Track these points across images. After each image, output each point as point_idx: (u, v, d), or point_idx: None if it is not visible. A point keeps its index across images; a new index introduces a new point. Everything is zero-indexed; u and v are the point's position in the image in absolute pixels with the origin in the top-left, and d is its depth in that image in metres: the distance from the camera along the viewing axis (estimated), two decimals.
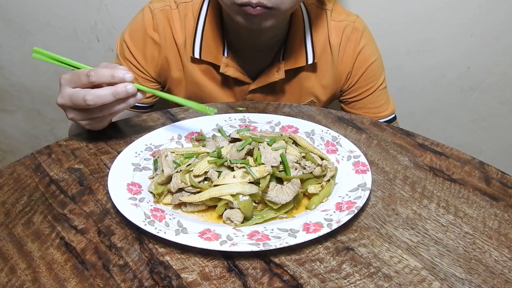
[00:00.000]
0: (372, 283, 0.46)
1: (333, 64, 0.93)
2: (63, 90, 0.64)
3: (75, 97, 0.63)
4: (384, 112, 0.98)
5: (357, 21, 0.92)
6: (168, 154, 0.62)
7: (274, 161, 0.57)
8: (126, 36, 0.90)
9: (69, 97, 0.63)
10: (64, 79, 0.65)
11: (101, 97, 0.61)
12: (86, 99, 0.61)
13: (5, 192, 0.58)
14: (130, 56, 0.90)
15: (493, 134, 1.34)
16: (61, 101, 0.65)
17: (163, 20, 0.88)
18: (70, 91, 0.63)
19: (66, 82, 0.64)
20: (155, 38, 0.89)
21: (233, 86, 0.92)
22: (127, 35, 0.90)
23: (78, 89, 0.63)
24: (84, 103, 0.62)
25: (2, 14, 1.34)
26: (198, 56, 0.88)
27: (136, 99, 0.64)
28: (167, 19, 0.88)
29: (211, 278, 0.46)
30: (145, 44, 0.89)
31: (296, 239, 0.49)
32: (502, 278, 0.48)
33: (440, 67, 1.23)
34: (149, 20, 0.89)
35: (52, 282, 0.45)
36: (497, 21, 1.14)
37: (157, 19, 0.88)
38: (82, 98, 0.62)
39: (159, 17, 0.88)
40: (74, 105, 0.64)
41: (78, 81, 0.63)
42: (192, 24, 0.88)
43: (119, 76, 0.62)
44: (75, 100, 0.63)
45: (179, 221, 0.52)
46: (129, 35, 0.90)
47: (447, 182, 0.62)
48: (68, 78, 0.64)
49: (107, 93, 0.61)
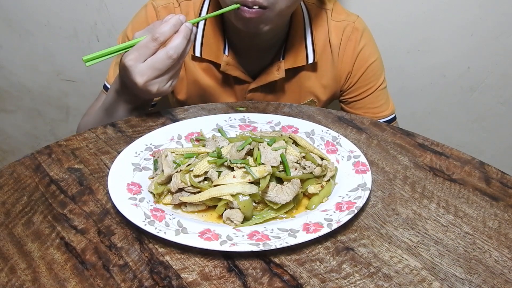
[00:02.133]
0: (372, 283, 0.46)
1: (333, 64, 0.93)
2: (137, 68, 0.65)
3: (157, 62, 0.65)
4: (384, 112, 0.98)
5: (357, 21, 0.92)
6: (168, 154, 0.62)
7: (274, 161, 0.57)
8: (128, 32, 0.90)
9: (151, 67, 0.65)
10: (131, 60, 0.66)
11: (179, 45, 0.65)
12: (169, 55, 0.64)
13: (5, 192, 0.58)
14: None
15: (493, 134, 1.34)
16: (143, 78, 0.66)
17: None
18: (148, 62, 0.65)
19: (136, 60, 0.65)
20: None
21: (233, 84, 0.92)
22: (129, 31, 0.90)
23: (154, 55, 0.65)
24: (169, 60, 0.64)
25: (2, 14, 1.34)
26: (199, 54, 0.88)
27: (194, 34, 0.68)
28: None
29: (211, 278, 0.46)
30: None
31: (296, 239, 0.49)
32: (502, 278, 0.48)
33: (440, 67, 1.23)
34: (153, 17, 0.89)
35: (52, 282, 0.45)
36: (497, 21, 1.14)
37: (161, 16, 0.88)
38: (166, 57, 0.64)
39: (163, 14, 0.88)
40: (159, 70, 0.65)
41: (148, 50, 0.65)
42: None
43: (178, 22, 0.65)
44: (159, 65, 0.65)
45: (179, 221, 0.52)
46: (132, 31, 0.90)
47: (447, 182, 0.62)
48: (135, 56, 0.65)
49: (181, 39, 0.65)
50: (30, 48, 1.39)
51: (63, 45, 1.36)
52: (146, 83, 0.67)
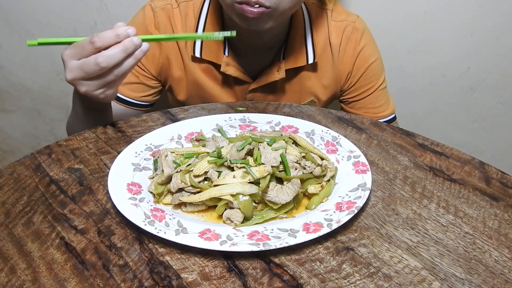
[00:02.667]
0: (372, 283, 0.46)
1: (333, 64, 0.93)
2: (69, 64, 0.63)
3: (85, 65, 0.62)
4: (384, 112, 0.98)
5: (358, 21, 0.92)
6: (168, 154, 0.62)
7: (274, 161, 0.57)
8: None
9: (79, 67, 0.63)
10: (67, 55, 0.64)
11: (112, 56, 0.61)
12: (98, 62, 0.61)
13: (5, 192, 0.58)
14: None
15: (493, 134, 1.34)
16: (71, 75, 0.64)
17: (164, 18, 0.88)
18: (79, 62, 0.63)
19: (70, 56, 0.63)
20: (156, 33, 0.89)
21: (233, 85, 0.92)
22: None
23: (87, 58, 0.62)
24: (96, 67, 0.61)
25: (2, 14, 1.34)
26: (199, 55, 0.88)
27: (142, 51, 0.63)
28: (168, 18, 0.89)
29: (211, 278, 0.46)
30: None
31: (296, 239, 0.49)
32: (502, 278, 0.48)
33: (440, 67, 1.23)
34: (151, 18, 0.89)
35: (52, 282, 0.45)
36: (497, 21, 1.14)
37: (159, 17, 0.88)
38: (94, 63, 0.61)
39: (161, 15, 0.88)
40: (86, 73, 0.63)
41: (83, 51, 0.62)
42: (193, 23, 0.88)
43: (123, 33, 0.61)
44: (86, 68, 0.62)
45: (179, 221, 0.52)
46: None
47: (447, 182, 0.62)
48: (71, 52, 0.63)
49: (117, 51, 0.61)
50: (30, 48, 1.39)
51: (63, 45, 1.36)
52: (73, 81, 0.64)
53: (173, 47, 0.90)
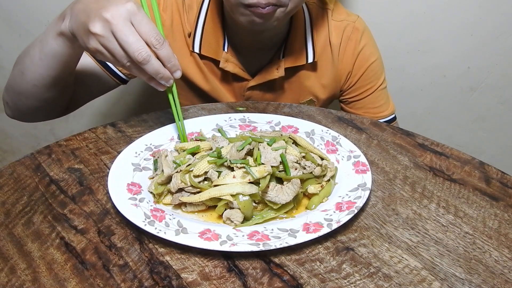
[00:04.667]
0: (372, 283, 0.46)
1: (333, 64, 0.93)
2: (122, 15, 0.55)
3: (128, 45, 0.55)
4: (384, 112, 0.98)
5: (358, 21, 0.92)
6: (168, 154, 0.62)
7: (274, 161, 0.57)
8: None
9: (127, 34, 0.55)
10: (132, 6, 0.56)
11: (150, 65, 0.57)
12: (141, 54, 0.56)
13: (5, 192, 0.58)
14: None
15: (493, 134, 1.34)
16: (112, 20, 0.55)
17: (173, 4, 0.87)
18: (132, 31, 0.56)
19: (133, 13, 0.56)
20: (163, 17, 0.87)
21: (232, 81, 0.92)
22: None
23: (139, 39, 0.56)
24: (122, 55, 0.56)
25: (2, 14, 1.34)
26: (198, 50, 0.88)
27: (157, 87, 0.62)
28: (177, 6, 0.87)
29: (211, 278, 0.46)
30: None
31: (296, 239, 0.49)
32: (502, 278, 0.48)
33: (440, 67, 1.23)
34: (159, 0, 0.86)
35: (52, 282, 0.45)
36: (497, 21, 1.14)
37: (168, 1, 0.87)
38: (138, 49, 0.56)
39: (170, 0, 0.87)
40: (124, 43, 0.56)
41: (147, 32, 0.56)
42: (194, 17, 0.88)
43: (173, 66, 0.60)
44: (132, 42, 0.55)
45: (179, 221, 0.52)
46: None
47: (447, 182, 0.62)
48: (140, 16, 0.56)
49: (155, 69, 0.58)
50: None
51: None
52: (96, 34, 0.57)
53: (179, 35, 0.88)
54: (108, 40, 0.57)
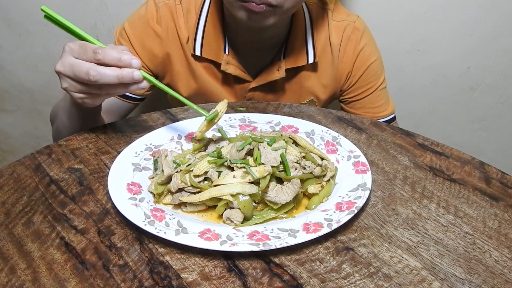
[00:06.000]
0: (372, 283, 0.46)
1: (333, 64, 0.93)
2: (65, 57, 0.62)
3: (77, 68, 0.61)
4: (384, 112, 0.98)
5: (358, 21, 0.92)
6: (168, 154, 0.62)
7: (274, 161, 0.57)
8: (126, 25, 0.90)
9: (71, 66, 0.61)
10: (69, 47, 0.63)
11: (105, 76, 0.59)
12: (89, 73, 0.60)
13: (5, 192, 0.58)
14: (127, 43, 0.90)
15: (493, 134, 1.34)
16: (61, 68, 0.63)
17: (167, 14, 0.88)
18: (74, 61, 0.61)
19: (71, 50, 0.62)
20: (157, 30, 0.89)
21: (233, 83, 0.92)
22: (127, 24, 0.90)
23: (83, 61, 0.61)
24: (86, 77, 0.60)
25: (2, 14, 1.34)
26: (199, 53, 0.88)
27: (139, 87, 0.62)
28: (171, 14, 0.88)
29: (211, 278, 0.46)
30: (146, 34, 0.89)
31: (296, 239, 0.49)
32: (502, 278, 0.48)
33: (440, 67, 1.23)
34: (153, 13, 0.88)
35: (52, 282, 0.45)
36: (497, 21, 1.14)
37: (161, 13, 0.88)
38: (86, 72, 0.60)
39: (163, 11, 0.88)
40: (74, 75, 0.62)
41: (84, 54, 0.61)
42: (194, 21, 0.88)
43: (126, 61, 0.60)
44: (77, 71, 0.61)
45: (179, 221, 0.52)
46: (130, 24, 0.90)
47: (447, 182, 0.62)
48: (74, 48, 0.62)
49: (112, 74, 0.60)
50: (30, 48, 1.39)
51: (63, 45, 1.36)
52: (59, 73, 0.63)
53: (175, 43, 0.90)
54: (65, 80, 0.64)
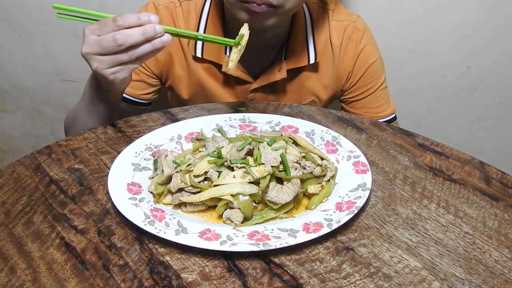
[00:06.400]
0: (372, 283, 0.46)
1: (334, 64, 0.93)
2: (88, 38, 0.64)
3: (103, 40, 0.63)
4: (384, 112, 0.98)
5: (358, 21, 0.92)
6: (168, 154, 0.62)
7: (274, 161, 0.57)
8: None
9: (96, 42, 0.63)
10: (89, 29, 0.64)
11: (130, 35, 0.62)
12: (116, 38, 0.62)
13: (5, 192, 0.58)
14: None
15: (493, 134, 1.34)
16: (87, 49, 0.64)
17: (168, 16, 0.88)
18: (97, 37, 0.64)
19: (92, 31, 0.64)
20: None
21: (234, 85, 0.92)
22: None
23: (106, 34, 0.63)
24: (113, 43, 0.62)
25: (2, 14, 1.34)
26: (200, 55, 0.88)
27: (162, 42, 0.64)
28: (171, 16, 0.89)
29: (211, 278, 0.46)
30: None
31: (296, 239, 0.49)
32: (502, 278, 0.48)
33: (440, 67, 1.23)
34: None
35: (52, 282, 0.45)
36: (497, 21, 1.14)
37: (162, 15, 0.88)
38: (111, 38, 0.62)
39: (164, 13, 0.88)
40: (102, 48, 0.63)
41: (105, 28, 0.63)
42: (194, 22, 0.88)
43: (144, 18, 0.63)
44: (103, 42, 0.63)
45: (179, 221, 0.52)
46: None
47: (447, 182, 0.62)
48: (94, 27, 0.64)
49: (137, 32, 0.62)
50: (30, 48, 1.39)
51: (63, 45, 1.36)
52: (87, 55, 0.65)
53: (175, 45, 0.90)
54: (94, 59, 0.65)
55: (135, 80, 0.92)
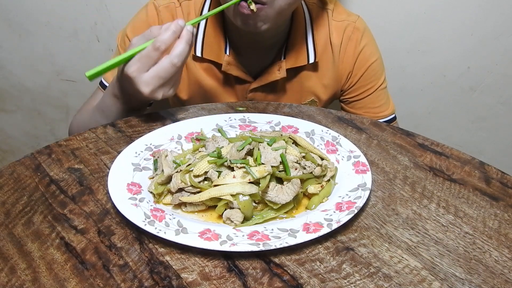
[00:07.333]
0: (372, 283, 0.46)
1: (334, 64, 0.93)
2: (142, 78, 0.65)
3: (163, 71, 0.64)
4: (384, 112, 0.98)
5: (358, 21, 0.92)
6: (168, 154, 0.62)
7: (274, 161, 0.57)
8: (128, 31, 0.90)
9: (156, 76, 0.64)
10: (134, 71, 0.65)
11: (183, 52, 0.64)
12: (173, 63, 0.63)
13: (5, 192, 0.58)
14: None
15: (493, 134, 1.34)
16: (149, 88, 0.65)
17: (168, 17, 0.88)
18: (152, 72, 0.64)
19: (139, 70, 0.65)
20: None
21: (234, 84, 0.92)
22: (129, 30, 0.90)
23: (158, 64, 0.64)
24: (174, 68, 0.63)
25: (2, 14, 1.34)
26: (200, 54, 0.88)
27: (194, 35, 0.67)
28: (172, 16, 0.89)
29: (211, 278, 0.46)
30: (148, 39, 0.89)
31: (296, 239, 0.49)
32: (502, 278, 0.48)
33: (440, 67, 1.23)
34: (154, 16, 0.89)
35: (52, 282, 0.45)
36: (497, 21, 1.14)
37: (162, 16, 0.88)
38: (170, 65, 0.63)
39: (164, 14, 0.88)
40: (164, 79, 0.65)
41: (150, 60, 0.64)
42: None
43: (177, 28, 0.64)
44: (165, 73, 0.64)
45: (179, 221, 0.52)
46: (132, 30, 0.90)
47: (447, 182, 0.62)
48: (138, 66, 0.65)
49: (184, 46, 0.64)
50: (30, 48, 1.39)
51: (63, 45, 1.36)
52: (151, 92, 0.67)
53: None
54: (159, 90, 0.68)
55: None
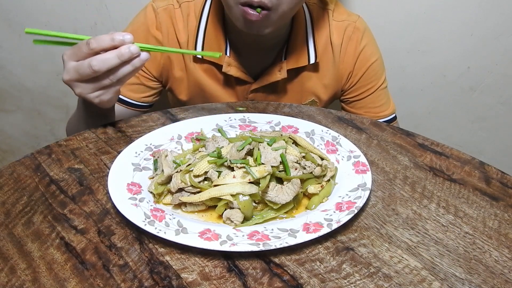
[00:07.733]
0: (372, 283, 0.46)
1: (335, 64, 0.93)
2: (67, 65, 0.65)
3: (80, 67, 0.63)
4: (384, 112, 0.98)
5: (358, 21, 0.92)
6: (168, 154, 0.62)
7: (274, 161, 0.57)
8: None
9: (74, 69, 0.64)
10: (66, 55, 0.65)
11: (106, 60, 0.61)
12: (91, 65, 0.61)
13: (5, 192, 0.58)
14: None
15: (493, 134, 1.34)
16: (67, 76, 0.65)
17: (166, 19, 0.88)
18: (75, 64, 0.64)
19: (69, 57, 0.64)
20: (157, 37, 0.89)
21: (235, 85, 0.92)
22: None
23: (82, 60, 0.63)
24: (90, 70, 0.62)
25: (2, 14, 1.34)
26: (200, 55, 0.88)
27: (141, 60, 0.63)
28: (170, 18, 0.89)
29: (211, 278, 0.46)
30: (147, 41, 0.89)
31: (296, 239, 0.49)
32: (502, 278, 0.48)
33: (440, 67, 1.23)
34: (152, 19, 0.89)
35: (52, 282, 0.45)
36: (497, 21, 1.14)
37: (160, 18, 0.88)
38: (87, 65, 0.62)
39: (162, 16, 0.88)
40: (80, 76, 0.64)
41: (80, 52, 0.63)
42: (194, 24, 0.88)
43: (118, 38, 0.62)
44: (81, 70, 0.63)
45: (179, 221, 0.52)
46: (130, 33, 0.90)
47: (447, 182, 0.62)
48: (70, 52, 0.64)
49: (112, 56, 0.61)
50: (30, 48, 1.39)
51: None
52: (69, 82, 0.66)
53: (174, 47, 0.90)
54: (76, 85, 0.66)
55: (135, 84, 0.92)
